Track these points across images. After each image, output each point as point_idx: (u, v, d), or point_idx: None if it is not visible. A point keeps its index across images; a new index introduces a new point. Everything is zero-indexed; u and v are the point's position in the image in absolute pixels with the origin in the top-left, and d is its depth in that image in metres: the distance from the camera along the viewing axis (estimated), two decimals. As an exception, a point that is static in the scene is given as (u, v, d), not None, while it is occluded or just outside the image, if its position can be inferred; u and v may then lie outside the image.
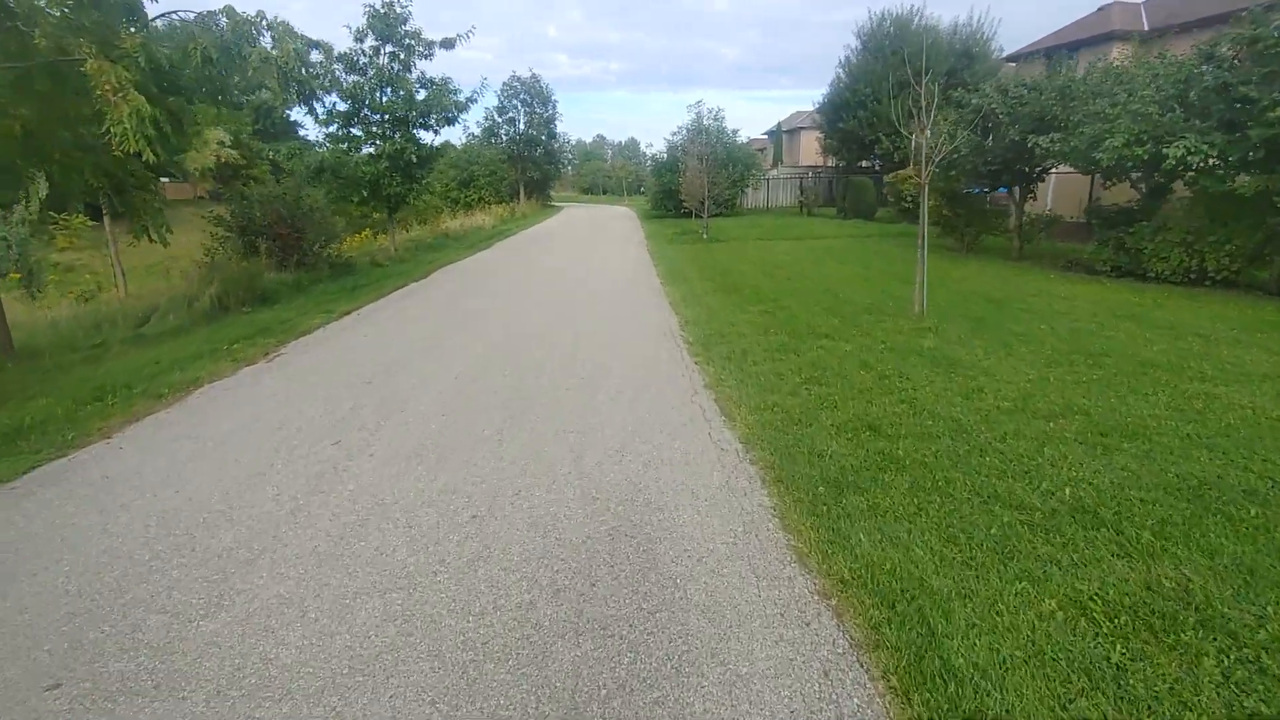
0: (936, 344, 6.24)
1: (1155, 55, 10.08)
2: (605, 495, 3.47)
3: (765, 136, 51.57)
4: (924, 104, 6.78)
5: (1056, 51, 26.88)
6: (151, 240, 7.27)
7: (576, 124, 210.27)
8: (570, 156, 58.79)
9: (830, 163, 42.75)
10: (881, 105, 28.64)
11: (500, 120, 41.44)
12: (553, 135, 43.88)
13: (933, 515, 3.12)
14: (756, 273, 11.57)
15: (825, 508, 3.21)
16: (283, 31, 6.30)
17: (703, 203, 18.87)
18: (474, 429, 4.46)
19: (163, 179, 38.67)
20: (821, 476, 3.54)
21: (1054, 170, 13.15)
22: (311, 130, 14.92)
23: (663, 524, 3.16)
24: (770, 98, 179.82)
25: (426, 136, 15.49)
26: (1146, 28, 21.93)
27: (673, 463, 3.85)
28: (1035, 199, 13.15)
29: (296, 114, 33.60)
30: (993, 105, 11.72)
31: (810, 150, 47.10)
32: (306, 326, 7.75)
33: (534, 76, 41.38)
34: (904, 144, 29.35)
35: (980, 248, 14.04)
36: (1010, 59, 29.40)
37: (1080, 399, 4.65)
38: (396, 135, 14.57)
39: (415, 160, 14.65)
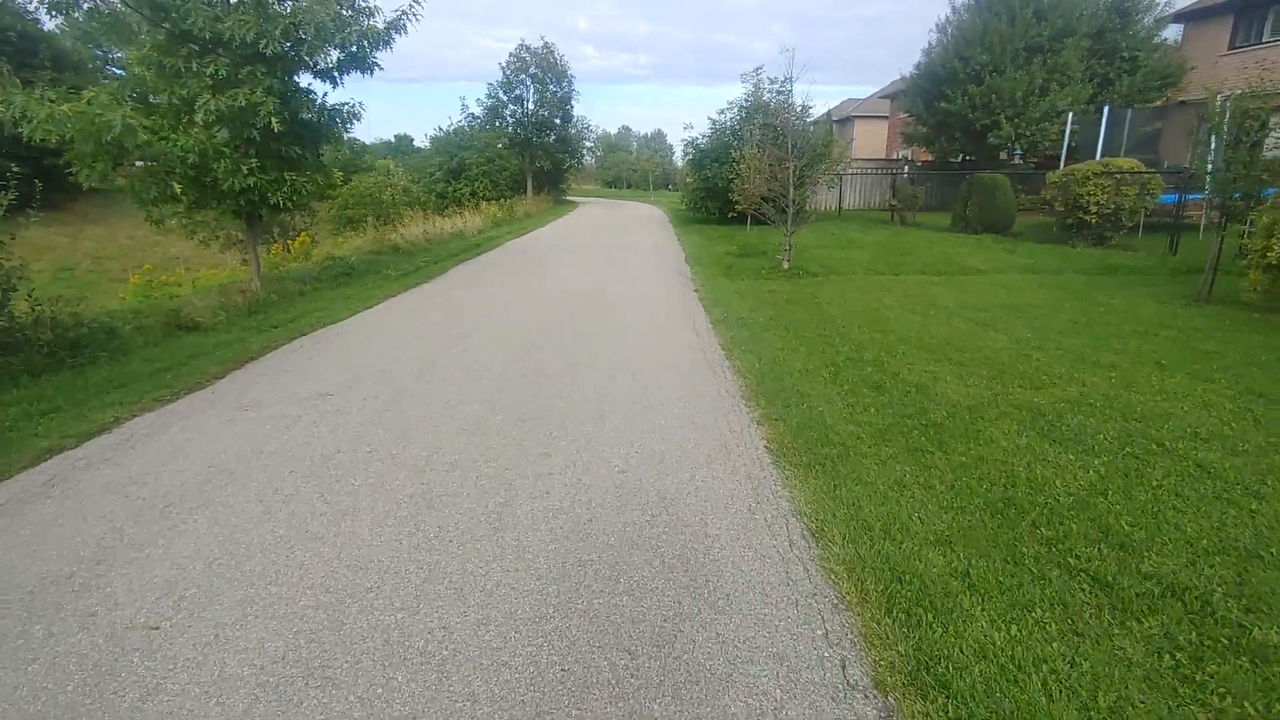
0: None
1: None
2: None
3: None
4: None
5: (1256, 6, 19.34)
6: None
7: (604, 118, 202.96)
8: (590, 145, 51.79)
9: (896, 155, 35.40)
10: (1005, 77, 21.26)
11: (506, 99, 34.66)
12: (568, 118, 36.96)
13: None
14: (1035, 436, 4.53)
15: None
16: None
17: (782, 208, 11.78)
18: None
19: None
20: None
21: None
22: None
23: None
24: (799, 93, 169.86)
25: (319, 88, 8.89)
26: None
27: None
28: None
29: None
30: None
31: (867, 142, 39.80)
32: None
33: (546, 46, 34.49)
34: (1031, 128, 22.05)
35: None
36: (1180, 18, 21.84)
37: None
38: (251, 85, 7.87)
39: (280, 130, 7.92)
